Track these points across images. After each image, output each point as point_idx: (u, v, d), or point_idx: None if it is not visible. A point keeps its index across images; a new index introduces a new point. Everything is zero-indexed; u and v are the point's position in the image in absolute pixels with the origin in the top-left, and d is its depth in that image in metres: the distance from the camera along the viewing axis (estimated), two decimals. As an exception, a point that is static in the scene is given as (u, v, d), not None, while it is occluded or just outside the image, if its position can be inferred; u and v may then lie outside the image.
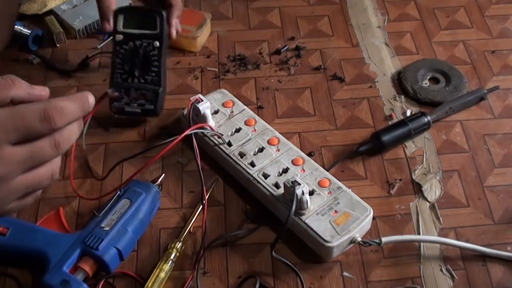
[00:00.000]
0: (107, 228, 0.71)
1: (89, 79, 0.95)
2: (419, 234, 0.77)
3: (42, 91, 0.55)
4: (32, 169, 0.52)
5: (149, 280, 0.71)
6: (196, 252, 0.74)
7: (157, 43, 0.83)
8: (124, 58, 0.83)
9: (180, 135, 0.76)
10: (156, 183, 0.78)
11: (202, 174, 0.76)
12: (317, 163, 0.80)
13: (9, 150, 0.49)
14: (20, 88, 0.53)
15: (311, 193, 0.75)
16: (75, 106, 0.52)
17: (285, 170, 0.78)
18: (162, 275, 0.71)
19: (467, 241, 0.75)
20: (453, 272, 0.73)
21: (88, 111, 0.54)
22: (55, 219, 0.76)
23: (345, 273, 0.73)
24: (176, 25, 0.87)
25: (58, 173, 0.55)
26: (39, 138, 0.51)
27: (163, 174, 0.81)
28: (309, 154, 0.83)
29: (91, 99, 0.55)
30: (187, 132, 0.77)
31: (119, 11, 0.84)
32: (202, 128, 0.80)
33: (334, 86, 0.95)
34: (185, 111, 0.82)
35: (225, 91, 0.89)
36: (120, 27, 0.83)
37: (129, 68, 0.83)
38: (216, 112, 0.86)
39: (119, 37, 0.83)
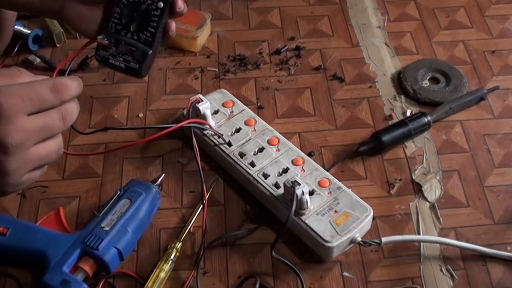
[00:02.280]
0: (107, 228, 0.71)
1: (89, 79, 0.95)
2: (419, 234, 0.77)
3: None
4: (43, 141, 0.56)
5: (149, 280, 0.71)
6: (196, 252, 0.74)
7: (161, 4, 0.78)
8: (124, 10, 0.79)
9: (179, 125, 0.77)
10: (156, 183, 0.78)
11: (202, 174, 0.76)
12: (317, 163, 0.80)
13: (25, 120, 0.54)
14: (26, 76, 0.57)
15: (311, 193, 0.75)
16: (76, 83, 0.58)
17: (285, 170, 0.78)
18: (162, 275, 0.71)
19: (467, 241, 0.75)
20: (453, 272, 0.73)
21: (80, 91, 0.59)
22: (55, 219, 0.76)
23: (345, 273, 0.73)
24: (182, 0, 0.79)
25: (62, 148, 0.60)
26: (49, 111, 0.56)
27: (163, 174, 0.81)
28: (309, 154, 0.83)
29: (80, 83, 0.60)
30: (185, 122, 0.78)
31: None
32: (200, 122, 0.80)
33: (334, 86, 0.95)
34: (185, 111, 0.82)
35: (225, 91, 0.89)
36: None
37: (126, 21, 0.79)
38: (216, 112, 0.86)
39: (124, 2, 0.78)
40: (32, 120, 0.55)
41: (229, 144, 0.82)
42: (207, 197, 0.77)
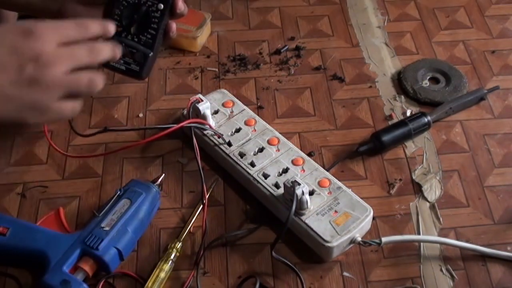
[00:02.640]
0: (107, 228, 0.71)
1: (89, 79, 0.95)
2: (419, 234, 0.77)
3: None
4: (75, 72, 0.64)
5: (149, 280, 0.71)
6: (196, 252, 0.74)
7: (161, 6, 0.77)
8: (124, 11, 0.78)
9: (180, 126, 0.77)
10: (156, 183, 0.78)
11: (202, 173, 0.76)
12: (317, 163, 0.80)
13: (56, 46, 0.62)
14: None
15: (311, 193, 0.75)
16: (97, 24, 0.67)
17: (285, 170, 0.78)
18: (162, 275, 0.71)
19: (467, 241, 0.75)
20: (453, 272, 0.73)
21: (108, 33, 0.69)
22: (55, 219, 0.76)
23: (345, 273, 0.73)
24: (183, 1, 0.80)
25: (98, 85, 0.66)
26: (77, 44, 0.65)
27: (163, 174, 0.81)
28: (309, 154, 0.83)
29: (111, 27, 0.70)
30: (186, 122, 0.78)
31: None
32: (200, 122, 0.80)
33: (334, 86, 0.95)
34: (185, 111, 0.82)
35: (225, 91, 0.89)
36: None
37: (126, 23, 0.78)
38: (216, 112, 0.86)
39: None
40: (62, 47, 0.63)
41: (229, 144, 0.82)
42: (207, 197, 0.77)
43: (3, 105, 0.61)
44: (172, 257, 0.73)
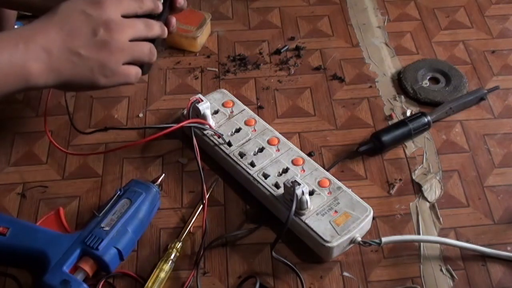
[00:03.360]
0: (107, 228, 0.71)
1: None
2: (419, 234, 0.77)
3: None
4: (136, 41, 0.71)
5: (149, 280, 0.71)
6: (196, 252, 0.74)
7: (161, 0, 0.79)
8: None
9: (180, 126, 0.77)
10: (156, 183, 0.78)
11: (202, 174, 0.76)
12: (317, 163, 0.80)
13: (120, 16, 0.69)
14: None
15: (311, 193, 0.75)
16: (151, 1, 0.73)
17: (285, 170, 0.78)
18: (162, 275, 0.71)
19: (467, 241, 0.75)
20: (453, 272, 0.73)
21: (158, 9, 0.74)
22: (55, 219, 0.76)
23: (345, 273, 0.73)
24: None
25: (155, 55, 0.73)
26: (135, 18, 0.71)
27: (163, 174, 0.81)
28: (309, 154, 0.83)
29: (160, 4, 0.75)
30: (186, 122, 0.78)
31: None
32: (200, 122, 0.80)
33: (334, 86, 0.95)
34: (185, 111, 0.82)
35: (225, 91, 0.89)
36: None
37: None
38: (216, 112, 0.86)
39: None
40: (124, 19, 0.70)
41: (229, 144, 0.82)
42: (207, 197, 0.77)
43: (78, 66, 0.67)
44: (172, 257, 0.73)
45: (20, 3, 0.79)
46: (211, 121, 0.83)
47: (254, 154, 0.80)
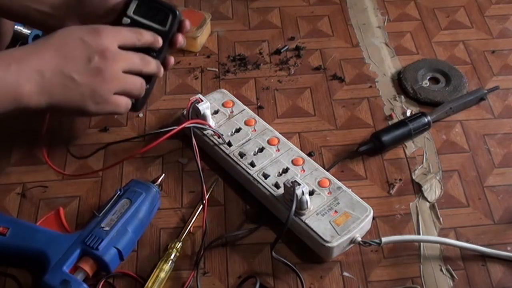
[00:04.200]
0: (107, 228, 0.71)
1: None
2: (419, 234, 0.77)
3: None
4: (130, 74, 0.72)
5: (149, 280, 0.71)
6: (196, 252, 0.74)
7: (160, 40, 0.80)
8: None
9: (180, 128, 0.77)
10: (156, 183, 0.78)
11: (202, 173, 0.76)
12: (317, 163, 0.80)
13: (117, 48, 0.71)
14: None
15: (311, 193, 0.75)
16: (150, 34, 0.76)
17: (285, 170, 0.78)
18: (162, 275, 0.71)
19: (467, 241, 0.75)
20: (453, 272, 0.73)
21: (158, 44, 0.76)
22: (55, 219, 0.76)
23: (345, 273, 0.73)
24: (183, 36, 0.82)
25: (143, 90, 0.75)
26: (132, 51, 0.73)
27: (163, 174, 0.81)
28: (309, 154, 0.83)
29: (160, 40, 0.76)
30: (185, 125, 0.78)
31: None
32: (200, 123, 0.80)
33: (334, 86, 0.95)
34: (185, 111, 0.82)
35: (225, 91, 0.89)
36: (130, 12, 0.78)
37: None
38: (216, 112, 0.86)
39: (126, 20, 0.78)
40: (121, 50, 0.71)
41: (229, 144, 0.82)
42: (207, 197, 0.77)
43: (70, 91, 0.68)
44: (172, 257, 0.73)
45: (19, 15, 0.79)
46: (211, 121, 0.83)
47: (254, 154, 0.80)
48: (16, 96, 0.65)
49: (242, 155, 0.80)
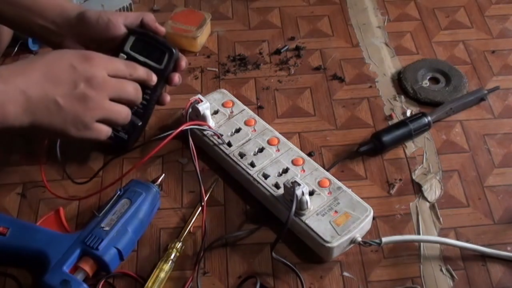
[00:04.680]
0: (107, 228, 0.71)
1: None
2: (419, 234, 0.77)
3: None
4: (117, 102, 0.72)
5: (149, 280, 0.71)
6: (196, 252, 0.74)
7: (155, 79, 0.79)
8: None
9: (177, 132, 0.76)
10: (156, 183, 0.78)
11: (200, 175, 0.76)
12: (317, 163, 0.80)
13: (107, 75, 0.71)
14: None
15: (311, 193, 0.75)
16: (144, 70, 0.77)
17: (285, 170, 0.78)
18: (162, 275, 0.71)
19: (467, 241, 0.75)
20: (453, 272, 0.73)
21: (152, 81, 0.78)
22: (55, 219, 0.76)
23: (345, 273, 0.73)
24: (179, 75, 0.84)
25: (129, 119, 0.75)
26: (124, 79, 0.74)
27: (163, 174, 0.81)
28: (309, 154, 0.83)
29: (154, 77, 0.79)
30: (184, 127, 0.78)
31: (132, 32, 0.80)
32: (199, 125, 0.80)
33: (334, 86, 0.95)
34: (185, 112, 0.82)
35: (225, 91, 0.89)
36: (127, 48, 0.79)
37: None
38: (216, 112, 0.86)
39: (122, 56, 0.79)
40: (111, 78, 0.71)
41: (229, 144, 0.82)
42: (206, 198, 0.77)
43: (53, 114, 0.68)
44: (172, 257, 0.73)
45: (22, 27, 0.79)
46: (211, 122, 0.83)
47: (254, 154, 0.80)
48: (1, 116, 0.65)
49: (242, 155, 0.80)
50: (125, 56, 0.79)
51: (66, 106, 0.68)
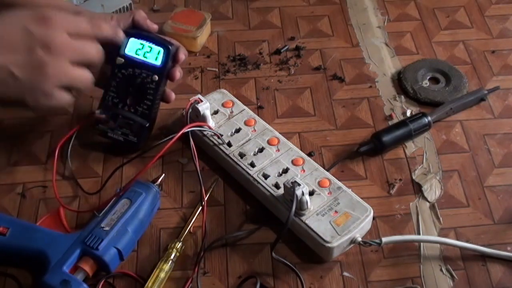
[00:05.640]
0: (107, 228, 0.71)
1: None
2: (419, 234, 0.77)
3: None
4: (78, 66, 0.67)
5: (149, 280, 0.71)
6: (196, 252, 0.74)
7: (156, 77, 0.79)
8: (120, 83, 0.80)
9: (178, 136, 0.76)
10: (156, 183, 0.78)
11: (200, 174, 0.76)
12: (317, 163, 0.80)
13: (67, 36, 0.65)
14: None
15: (311, 193, 0.75)
16: (110, 27, 0.74)
17: (285, 171, 0.78)
18: (162, 275, 0.71)
19: (467, 241, 0.75)
20: (453, 272, 0.73)
21: (118, 38, 0.75)
22: (55, 219, 0.76)
23: (345, 273, 0.73)
24: (179, 69, 0.83)
25: (91, 84, 0.70)
26: (86, 39, 0.69)
27: (163, 174, 0.81)
28: (309, 154, 0.83)
29: (121, 33, 0.75)
30: (184, 130, 0.78)
31: (128, 34, 0.79)
32: (199, 126, 0.80)
33: (334, 86, 0.95)
34: (184, 112, 0.82)
35: (225, 91, 0.89)
36: (123, 50, 0.79)
37: (122, 95, 0.80)
38: (216, 112, 0.86)
39: (120, 60, 0.79)
40: (72, 39, 0.65)
41: (229, 144, 0.82)
42: (206, 198, 0.77)
43: (8, 86, 0.63)
44: (172, 257, 0.73)
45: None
46: (211, 122, 0.83)
47: (254, 154, 0.80)
48: None
49: (242, 155, 0.80)
50: (123, 60, 0.79)
51: (22, 75, 0.63)
